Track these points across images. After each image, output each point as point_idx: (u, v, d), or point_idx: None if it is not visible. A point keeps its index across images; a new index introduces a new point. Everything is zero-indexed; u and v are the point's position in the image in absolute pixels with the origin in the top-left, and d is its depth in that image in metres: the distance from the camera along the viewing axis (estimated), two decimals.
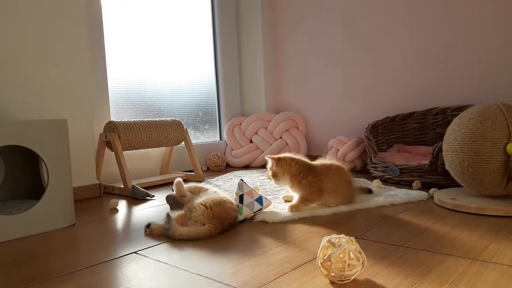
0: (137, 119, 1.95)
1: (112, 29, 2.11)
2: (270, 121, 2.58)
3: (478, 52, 1.92)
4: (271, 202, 1.36)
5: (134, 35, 2.22)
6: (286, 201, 1.47)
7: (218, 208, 1.13)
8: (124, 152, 2.07)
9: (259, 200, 1.27)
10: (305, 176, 1.33)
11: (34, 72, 1.57)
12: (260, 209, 1.27)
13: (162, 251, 0.99)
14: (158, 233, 1.13)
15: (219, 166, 2.44)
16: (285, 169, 1.34)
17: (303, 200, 1.32)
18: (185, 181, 2.06)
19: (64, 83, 1.66)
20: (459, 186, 1.53)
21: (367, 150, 1.93)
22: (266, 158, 1.38)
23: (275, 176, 1.35)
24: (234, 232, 1.13)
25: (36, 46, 1.58)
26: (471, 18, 1.92)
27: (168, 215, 1.13)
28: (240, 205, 1.21)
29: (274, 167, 1.35)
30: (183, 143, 2.16)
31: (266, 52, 2.71)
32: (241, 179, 1.28)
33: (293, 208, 1.31)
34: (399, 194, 1.48)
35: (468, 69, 1.95)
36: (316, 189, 1.32)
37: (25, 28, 1.54)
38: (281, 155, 1.37)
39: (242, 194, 1.23)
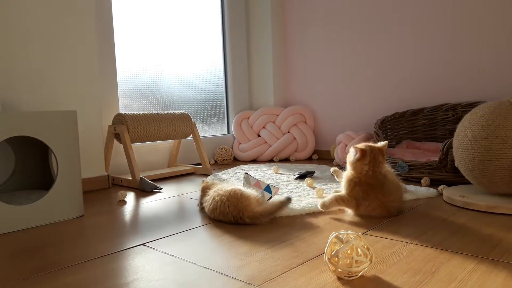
0: (146, 112, 1.96)
1: (121, 21, 2.11)
2: (278, 115, 2.58)
3: (490, 48, 1.89)
4: (278, 189, 1.35)
5: (144, 27, 2.22)
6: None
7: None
8: (133, 144, 2.08)
9: (267, 189, 1.27)
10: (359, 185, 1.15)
11: (44, 64, 1.58)
12: (270, 197, 1.27)
13: (170, 244, 1.00)
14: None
15: (226, 159, 2.45)
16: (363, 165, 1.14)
17: (338, 198, 1.18)
18: (193, 174, 2.06)
19: (74, 75, 1.67)
20: (469, 183, 1.51)
21: None
22: (352, 147, 1.18)
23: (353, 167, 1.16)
24: (241, 226, 1.13)
25: (46, 38, 1.58)
26: (483, 13, 1.89)
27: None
28: None
29: (358, 159, 1.15)
30: (191, 136, 2.16)
31: (275, 46, 2.70)
32: (246, 172, 1.28)
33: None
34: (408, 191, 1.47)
35: (479, 65, 1.93)
36: (352, 199, 1.17)
37: (35, 20, 1.55)
38: (365, 145, 1.16)
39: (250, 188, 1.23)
